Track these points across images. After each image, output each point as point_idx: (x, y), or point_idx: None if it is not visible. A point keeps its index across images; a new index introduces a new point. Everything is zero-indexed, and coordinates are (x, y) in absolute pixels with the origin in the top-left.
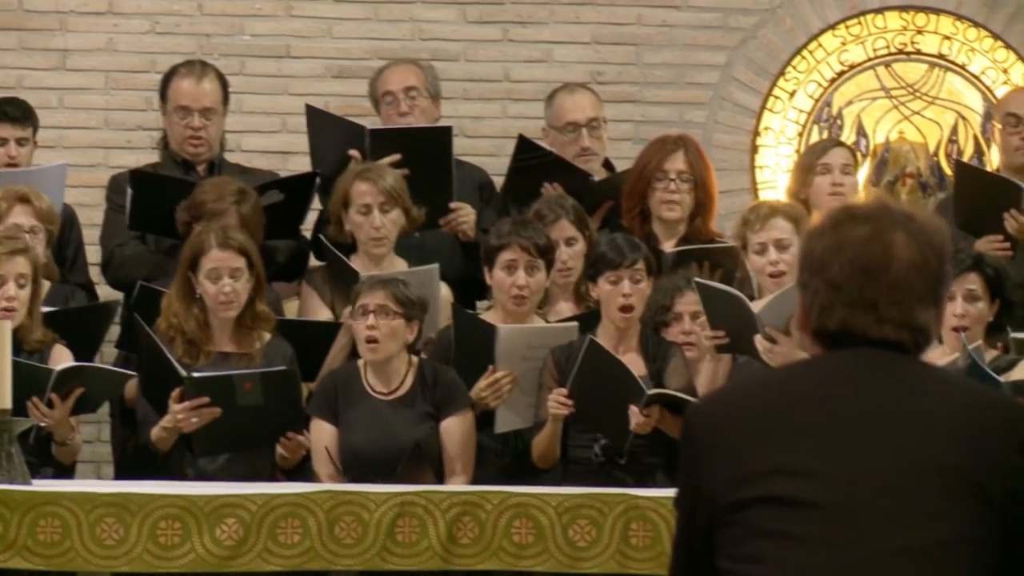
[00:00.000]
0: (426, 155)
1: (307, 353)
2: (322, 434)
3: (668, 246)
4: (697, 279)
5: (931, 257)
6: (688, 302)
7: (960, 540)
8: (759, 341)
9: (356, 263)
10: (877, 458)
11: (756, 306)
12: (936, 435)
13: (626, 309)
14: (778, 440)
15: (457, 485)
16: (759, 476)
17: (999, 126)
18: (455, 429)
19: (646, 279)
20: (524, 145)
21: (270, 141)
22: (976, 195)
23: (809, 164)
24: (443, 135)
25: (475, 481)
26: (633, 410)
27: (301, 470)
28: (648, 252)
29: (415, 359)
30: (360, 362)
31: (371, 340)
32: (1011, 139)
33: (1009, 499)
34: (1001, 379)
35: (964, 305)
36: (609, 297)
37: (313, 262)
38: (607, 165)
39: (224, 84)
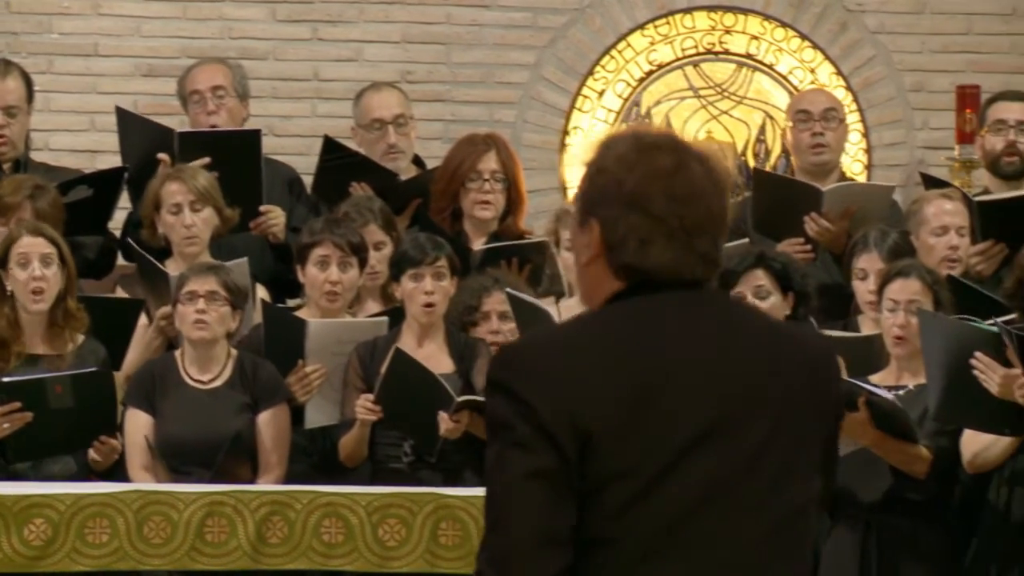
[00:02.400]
0: (235, 158)
1: (111, 331)
2: (138, 424)
3: (478, 244)
4: (509, 290)
5: (724, 189)
6: (495, 301)
7: (809, 490)
8: None
9: (170, 266)
10: (749, 412)
11: (567, 307)
12: (780, 379)
13: (428, 306)
14: (647, 393)
15: (270, 482)
16: (642, 434)
17: (790, 124)
18: (272, 422)
19: (449, 277)
20: (330, 146)
21: (78, 140)
22: (776, 200)
23: None
24: (252, 138)
25: (284, 478)
26: (443, 416)
27: (115, 472)
28: (451, 251)
29: (234, 351)
30: (177, 352)
31: (200, 322)
32: (802, 136)
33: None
34: None
35: (755, 302)
36: (412, 295)
37: (123, 262)
38: (417, 162)
39: (28, 82)
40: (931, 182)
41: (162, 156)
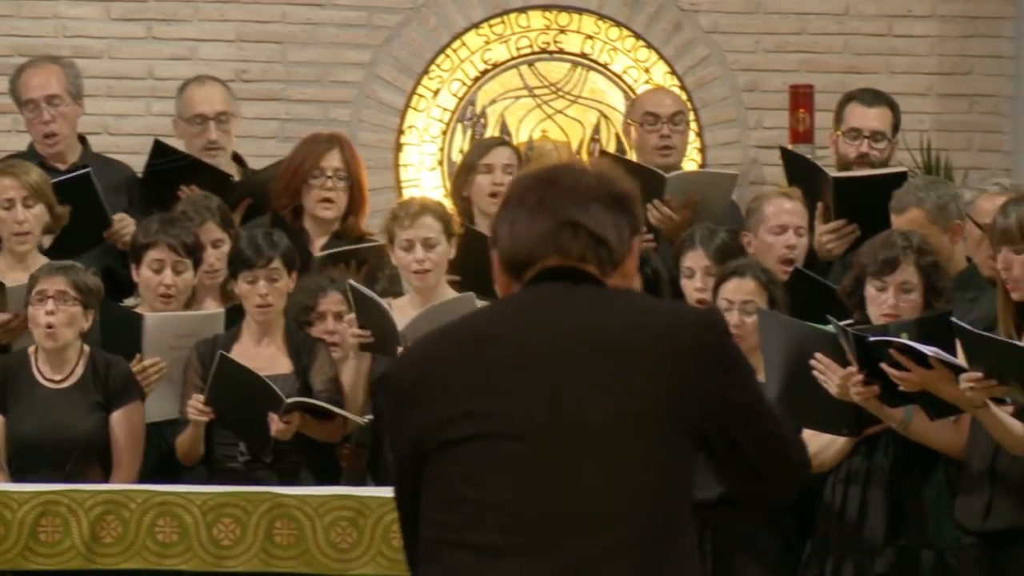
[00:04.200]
0: (74, 199)
1: None
2: None
3: (319, 243)
4: (351, 282)
5: (608, 180)
6: (331, 302)
7: (653, 477)
8: None
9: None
10: (576, 396)
11: (398, 306)
12: (633, 366)
13: (263, 306)
14: (477, 379)
15: (122, 480)
16: (459, 418)
17: (637, 125)
18: (124, 421)
19: (285, 276)
20: (159, 149)
21: None
22: None
23: (472, 163)
24: (84, 181)
25: (138, 477)
26: (273, 418)
27: None
28: (287, 246)
29: (86, 348)
30: (31, 349)
31: (49, 326)
32: (650, 137)
33: (708, 416)
34: None
35: None
36: (247, 296)
37: None
38: (237, 159)
39: None
40: (792, 158)
41: None
